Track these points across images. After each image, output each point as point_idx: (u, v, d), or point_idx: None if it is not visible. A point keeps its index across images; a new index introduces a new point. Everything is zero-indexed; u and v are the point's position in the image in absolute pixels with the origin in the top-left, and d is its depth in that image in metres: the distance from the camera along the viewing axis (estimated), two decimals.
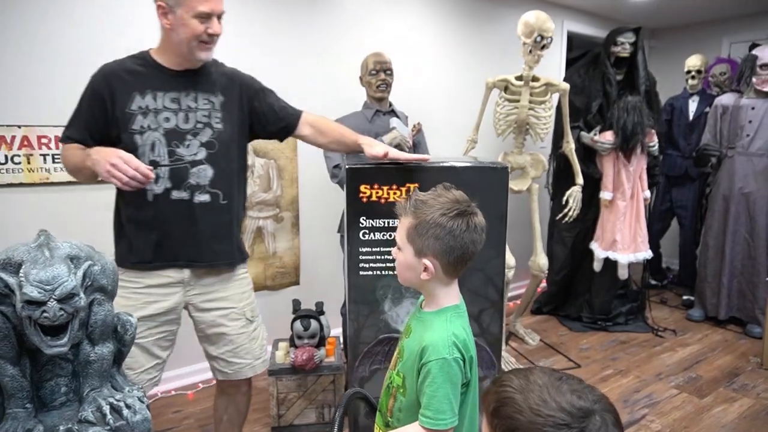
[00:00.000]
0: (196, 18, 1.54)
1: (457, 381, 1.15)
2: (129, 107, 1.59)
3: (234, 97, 1.71)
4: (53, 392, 1.34)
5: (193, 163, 1.62)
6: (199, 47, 1.59)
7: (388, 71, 2.65)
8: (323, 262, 3.19)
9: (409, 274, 1.23)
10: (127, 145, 1.58)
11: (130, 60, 1.64)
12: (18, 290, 1.17)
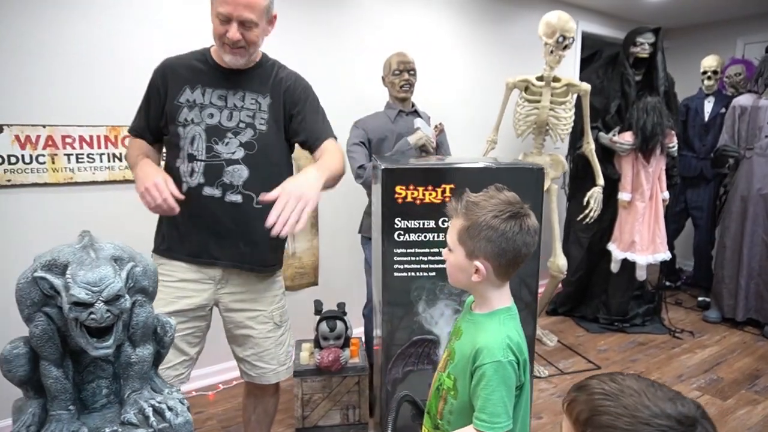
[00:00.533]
0: (217, 18, 1.52)
1: (512, 384, 1.14)
2: (177, 99, 1.61)
3: (281, 101, 1.68)
4: (94, 394, 1.33)
5: (229, 161, 1.60)
6: (224, 49, 1.56)
7: (411, 71, 2.64)
8: (342, 263, 3.18)
9: (461, 276, 1.22)
10: (171, 136, 1.62)
11: (190, 55, 1.67)
12: (65, 292, 1.16)
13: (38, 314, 1.21)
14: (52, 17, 2.24)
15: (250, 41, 1.56)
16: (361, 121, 2.65)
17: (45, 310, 1.21)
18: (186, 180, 1.60)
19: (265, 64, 1.70)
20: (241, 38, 1.53)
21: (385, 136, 2.59)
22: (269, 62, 1.73)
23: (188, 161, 1.60)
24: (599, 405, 0.73)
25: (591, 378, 0.80)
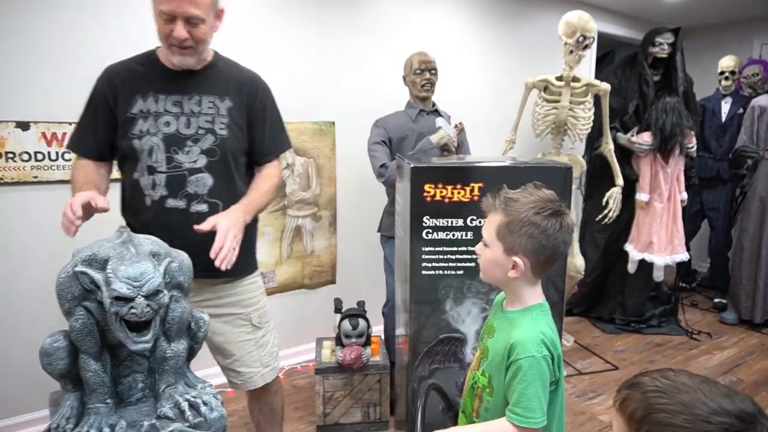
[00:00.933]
0: (160, 17, 1.43)
1: (547, 380, 1.15)
2: (130, 111, 1.50)
3: (243, 102, 1.60)
4: (130, 388, 1.35)
5: (192, 171, 1.52)
6: (171, 50, 1.47)
7: (432, 71, 2.64)
8: (359, 261, 3.19)
9: (496, 271, 1.22)
10: (126, 151, 1.52)
11: (134, 60, 1.56)
12: (105, 286, 1.17)
13: (78, 308, 1.22)
14: (78, 16, 2.25)
15: (198, 39, 1.46)
16: (381, 120, 2.65)
17: (85, 304, 1.23)
18: (148, 193, 1.53)
19: (219, 64, 1.60)
20: (189, 37, 1.44)
21: (405, 135, 2.60)
22: (223, 61, 1.63)
23: (148, 174, 1.52)
24: (655, 402, 0.73)
25: (641, 375, 0.80)
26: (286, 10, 2.82)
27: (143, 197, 1.53)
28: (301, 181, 2.95)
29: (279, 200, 2.89)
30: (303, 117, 2.93)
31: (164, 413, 1.29)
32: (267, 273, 2.91)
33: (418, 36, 3.29)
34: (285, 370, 2.95)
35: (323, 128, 3.00)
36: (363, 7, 3.08)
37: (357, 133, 2.91)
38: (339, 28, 3.00)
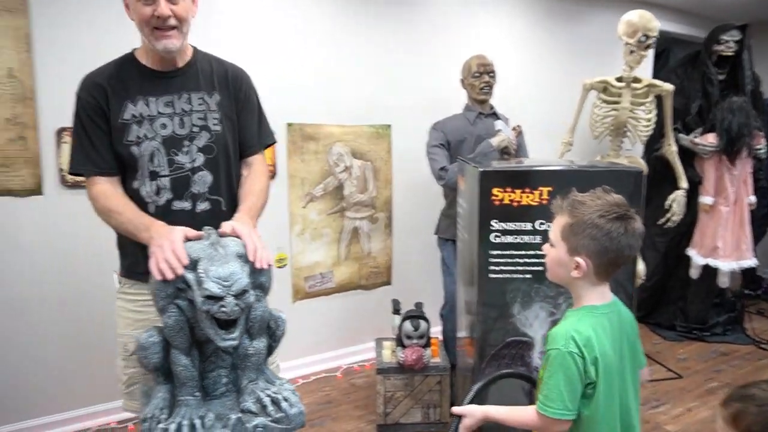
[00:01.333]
0: (138, 1, 1.38)
1: (572, 376, 1.18)
2: (122, 117, 1.45)
3: (230, 95, 1.57)
4: (215, 382, 1.41)
5: (194, 170, 1.50)
6: (153, 35, 1.41)
7: (491, 73, 2.64)
8: (415, 263, 3.21)
9: (560, 271, 1.27)
10: (125, 158, 1.47)
11: (113, 66, 1.50)
12: (197, 286, 1.23)
13: (171, 306, 1.29)
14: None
15: (180, 16, 1.42)
16: (439, 123, 2.67)
17: (177, 302, 1.30)
18: (152, 200, 1.49)
19: (201, 59, 1.56)
20: (171, 14, 1.40)
21: (464, 138, 2.61)
22: (203, 56, 1.58)
23: (150, 180, 1.48)
24: None
25: (751, 386, 0.79)
26: (342, 15, 2.87)
27: (145, 205, 1.48)
28: (358, 183, 3.00)
29: (337, 202, 2.95)
30: (360, 120, 2.98)
31: (247, 408, 1.35)
32: (325, 273, 2.98)
33: (474, 37, 3.29)
34: (342, 369, 3.00)
35: (380, 131, 3.05)
36: (418, 10, 3.10)
37: (413, 136, 2.94)
38: (395, 31, 3.04)
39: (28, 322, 2.25)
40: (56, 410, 2.35)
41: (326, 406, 2.64)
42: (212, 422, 1.29)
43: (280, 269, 2.83)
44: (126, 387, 1.60)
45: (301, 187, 2.83)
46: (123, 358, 1.58)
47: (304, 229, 2.88)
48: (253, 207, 1.52)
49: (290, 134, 2.77)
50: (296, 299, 2.90)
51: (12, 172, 2.13)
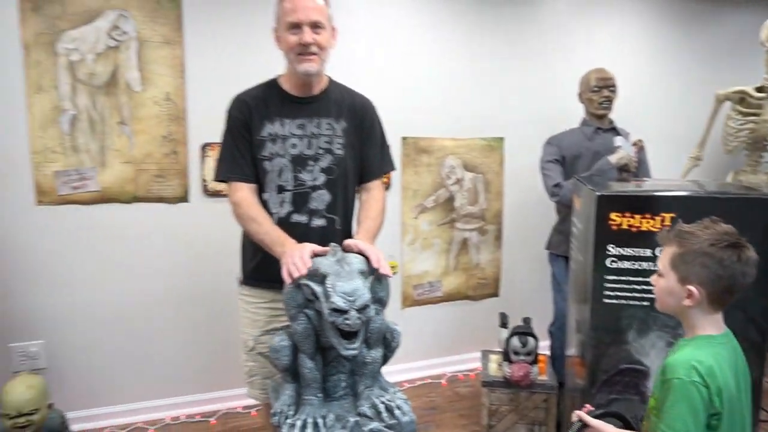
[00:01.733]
0: (288, 31, 1.58)
1: (696, 406, 1.16)
2: (260, 134, 1.64)
3: (357, 124, 1.73)
4: (336, 386, 1.54)
5: (314, 188, 1.66)
6: (297, 60, 1.60)
7: (611, 87, 2.56)
8: (523, 276, 3.19)
9: (670, 300, 1.27)
10: (258, 171, 1.65)
11: (260, 89, 1.71)
12: (325, 299, 1.36)
13: (301, 314, 1.44)
14: None
15: (321, 45, 1.60)
16: (555, 138, 2.63)
17: (306, 311, 1.44)
18: (276, 211, 1.65)
19: (334, 89, 1.73)
20: (314, 42, 1.58)
21: (580, 153, 2.55)
22: (337, 86, 1.75)
23: (277, 192, 1.65)
24: None
25: None
26: (456, 30, 2.92)
27: (270, 215, 1.64)
28: (469, 195, 3.05)
29: (447, 213, 3.02)
30: (473, 133, 3.02)
31: (363, 412, 1.46)
32: (434, 282, 3.06)
33: (593, 48, 3.18)
34: (447, 377, 3.07)
35: (492, 144, 3.06)
36: (534, 20, 3.07)
37: (527, 149, 2.92)
38: (509, 43, 3.03)
39: (158, 312, 2.54)
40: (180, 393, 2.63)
41: (431, 411, 2.72)
42: (332, 423, 1.42)
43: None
44: (248, 377, 1.81)
45: (413, 199, 2.94)
46: (244, 352, 1.79)
47: (414, 239, 2.98)
48: (370, 229, 1.66)
49: (404, 147, 2.88)
50: (405, 306, 3.02)
51: (166, 182, 2.44)
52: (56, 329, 2.38)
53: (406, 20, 2.82)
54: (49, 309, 2.37)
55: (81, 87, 2.27)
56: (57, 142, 2.26)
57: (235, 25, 2.48)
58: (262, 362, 1.74)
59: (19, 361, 2.34)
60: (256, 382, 1.79)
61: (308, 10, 1.57)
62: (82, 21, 2.23)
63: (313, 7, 1.58)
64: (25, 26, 2.16)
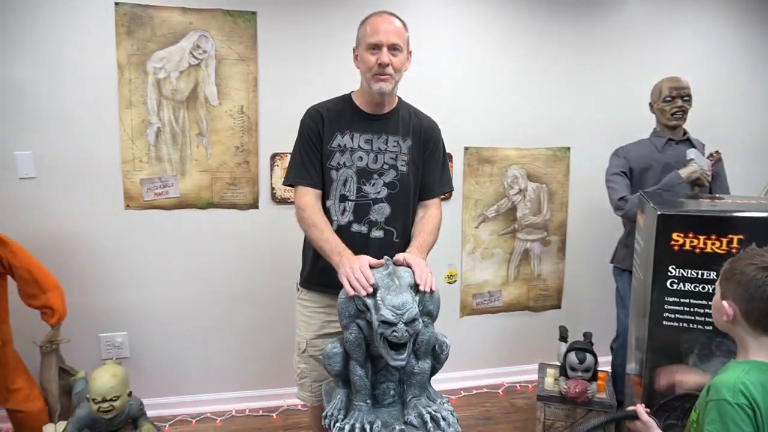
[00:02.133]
0: (368, 51, 1.68)
1: (742, 430, 1.13)
2: (330, 144, 1.74)
3: (421, 144, 1.81)
4: (384, 393, 1.60)
5: (375, 200, 1.75)
6: (373, 79, 1.68)
7: (686, 97, 2.45)
8: (587, 289, 3.12)
9: (716, 315, 1.32)
10: (325, 179, 1.75)
11: (334, 102, 1.81)
12: (375, 311, 1.42)
13: (353, 324, 1.51)
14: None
15: (396, 67, 1.69)
16: (622, 149, 2.55)
17: (357, 321, 1.51)
18: (337, 218, 1.75)
19: (403, 108, 1.82)
20: (390, 63, 1.66)
21: (649, 165, 2.46)
22: (405, 106, 1.84)
23: (340, 201, 1.74)
24: None
25: None
26: (521, 35, 2.89)
27: (331, 222, 1.73)
28: (531, 205, 3.01)
29: (509, 223, 3.00)
30: (537, 143, 2.98)
31: (410, 421, 1.51)
32: (493, 292, 3.05)
33: (669, 52, 3.05)
34: (504, 387, 3.05)
35: (558, 154, 3.01)
36: (605, 25, 2.99)
37: (594, 159, 2.85)
38: (579, 49, 2.97)
39: (229, 311, 2.70)
40: (245, 388, 2.79)
41: (486, 421, 2.72)
42: (379, 428, 1.48)
43: (450, 284, 2.98)
44: (299, 379, 1.91)
45: (475, 208, 2.95)
46: (297, 354, 1.90)
47: (475, 248, 2.99)
48: (423, 244, 1.72)
49: (467, 157, 2.90)
50: (464, 314, 3.03)
51: (238, 189, 2.61)
52: (138, 322, 2.62)
53: (472, 29, 2.83)
54: (133, 304, 2.60)
55: (165, 102, 2.48)
56: (144, 152, 2.48)
57: (304, 44, 2.60)
58: (313, 365, 1.85)
59: (107, 350, 2.59)
60: (306, 384, 1.89)
61: (389, 33, 1.67)
62: (168, 42, 2.44)
63: (393, 31, 1.68)
64: (120, 48, 2.39)
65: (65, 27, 2.35)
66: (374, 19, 1.71)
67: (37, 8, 2.32)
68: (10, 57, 2.32)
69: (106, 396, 1.90)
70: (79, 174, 2.45)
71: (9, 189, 2.37)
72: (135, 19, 2.39)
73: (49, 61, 2.36)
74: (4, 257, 2.03)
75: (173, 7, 2.42)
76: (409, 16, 2.74)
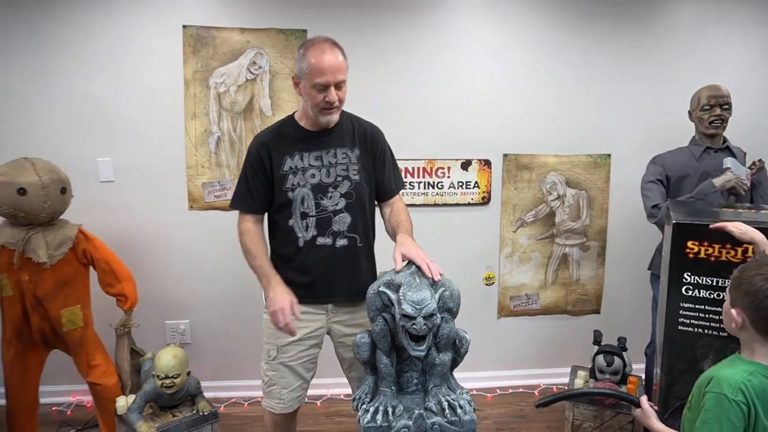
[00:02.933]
0: (314, 89, 1.72)
1: (734, 426, 1.20)
2: (282, 169, 1.82)
3: (367, 150, 1.90)
4: (408, 382, 1.76)
5: (335, 212, 1.84)
6: (321, 113, 1.77)
7: (725, 106, 2.45)
8: (627, 296, 3.13)
9: (726, 321, 1.37)
10: (282, 202, 1.83)
11: (278, 127, 1.90)
12: (397, 305, 1.58)
13: (379, 317, 1.68)
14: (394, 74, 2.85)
15: (342, 99, 1.79)
16: (660, 157, 2.58)
17: (383, 315, 1.68)
18: (302, 235, 1.84)
19: (345, 120, 1.89)
20: (337, 99, 1.75)
21: (686, 173, 2.48)
22: (347, 117, 1.91)
23: (301, 218, 1.82)
24: None
25: None
26: (562, 42, 2.95)
27: (297, 239, 1.84)
28: (570, 211, 3.07)
29: (548, 228, 3.08)
30: (577, 150, 3.03)
31: (430, 407, 1.66)
32: (531, 295, 3.13)
33: (712, 58, 3.01)
34: (541, 388, 3.13)
35: (598, 161, 3.06)
36: (648, 31, 2.98)
37: (635, 166, 2.84)
38: (620, 56, 2.98)
39: None
40: None
41: (518, 420, 2.82)
42: (401, 412, 1.65)
43: (488, 286, 3.09)
44: (266, 387, 1.95)
45: (513, 213, 3.04)
46: (265, 362, 1.95)
47: (513, 252, 3.08)
48: (407, 229, 1.87)
49: (506, 164, 3.00)
50: (501, 315, 3.13)
51: None
52: (199, 312, 2.91)
53: (510, 39, 2.92)
54: (195, 294, 2.89)
55: (225, 113, 2.74)
56: (205, 158, 2.76)
57: (350, 59, 2.76)
58: (282, 372, 1.90)
59: (171, 336, 2.89)
60: (275, 391, 1.92)
61: (334, 72, 1.72)
62: (228, 59, 2.70)
63: (338, 67, 1.73)
64: (186, 66, 2.68)
65: (140, 48, 2.67)
66: (317, 54, 1.71)
67: (116, 31, 2.65)
68: (93, 75, 2.66)
69: (168, 373, 2.16)
70: (150, 178, 2.77)
71: (91, 191, 2.71)
72: (200, 39, 2.67)
73: (126, 77, 2.68)
74: (88, 251, 2.34)
75: (232, 28, 2.69)
76: (449, 28, 2.90)
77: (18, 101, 2.66)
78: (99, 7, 2.62)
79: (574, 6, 2.92)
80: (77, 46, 2.64)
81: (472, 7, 2.86)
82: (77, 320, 2.34)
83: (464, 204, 3.01)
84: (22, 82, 2.64)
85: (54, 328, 2.33)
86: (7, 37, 2.60)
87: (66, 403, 2.88)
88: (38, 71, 2.64)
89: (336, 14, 2.75)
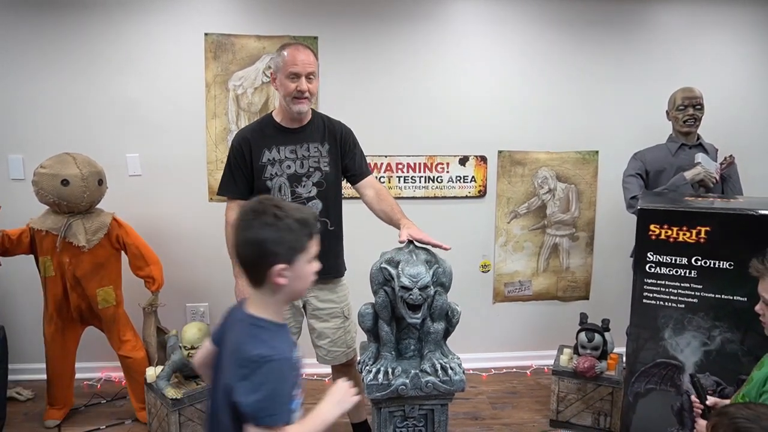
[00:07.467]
0: (288, 78, 2.01)
1: None
2: (261, 161, 2.10)
3: (336, 144, 2.18)
4: (406, 348, 2.01)
5: (308, 199, 2.13)
6: (293, 102, 2.03)
7: (697, 106, 2.68)
8: (613, 282, 3.36)
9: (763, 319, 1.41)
10: (261, 189, 2.09)
11: (258, 124, 2.19)
12: (396, 279, 1.83)
13: (381, 290, 1.93)
14: (407, 74, 3.10)
15: (312, 92, 2.05)
16: (640, 153, 2.82)
17: (385, 288, 1.93)
18: None
19: (316, 119, 2.18)
20: (307, 90, 2.01)
21: (663, 168, 2.72)
22: (318, 116, 2.20)
23: None
24: (740, 427, 0.96)
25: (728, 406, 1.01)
26: (552, 44, 3.18)
27: None
28: (561, 204, 3.31)
29: (539, 220, 3.32)
30: (567, 147, 3.27)
31: (425, 369, 1.91)
32: (524, 281, 3.37)
33: (696, 60, 3.23)
34: (533, 369, 3.37)
35: (586, 157, 3.29)
36: (634, 33, 3.20)
37: (622, 162, 3.04)
38: (607, 57, 3.20)
39: None
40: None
41: (511, 395, 3.06)
42: (399, 373, 1.89)
43: (484, 273, 3.34)
44: None
45: (507, 206, 3.29)
46: None
47: (507, 241, 3.32)
48: (401, 211, 2.14)
49: (500, 160, 3.24)
50: (496, 300, 3.37)
51: None
52: (217, 295, 3.16)
53: (508, 45, 3.16)
54: (214, 279, 3.14)
55: (242, 113, 3.01)
56: (224, 155, 3.01)
57: (357, 62, 3.05)
58: None
59: (191, 317, 3.16)
60: None
61: (305, 64, 2.02)
62: (245, 64, 2.97)
63: (309, 62, 2.04)
64: (208, 70, 2.95)
65: (166, 53, 2.94)
66: (292, 50, 2.03)
67: (144, 38, 2.92)
68: (124, 78, 2.94)
69: (194, 344, 2.42)
70: (174, 172, 3.04)
71: (122, 184, 2.97)
72: (220, 46, 2.94)
73: (153, 81, 2.96)
74: (120, 236, 2.61)
75: (250, 35, 2.95)
76: (449, 36, 3.14)
77: (60, 103, 2.94)
78: (131, 18, 2.90)
79: (565, 15, 3.16)
80: (108, 53, 2.92)
81: (470, 17, 3.11)
82: (110, 299, 2.61)
83: (462, 197, 3.26)
84: (64, 86, 2.92)
85: (90, 306, 2.60)
86: (52, 46, 2.89)
87: (96, 378, 3.15)
88: (77, 76, 2.92)
89: (344, 23, 3.01)
